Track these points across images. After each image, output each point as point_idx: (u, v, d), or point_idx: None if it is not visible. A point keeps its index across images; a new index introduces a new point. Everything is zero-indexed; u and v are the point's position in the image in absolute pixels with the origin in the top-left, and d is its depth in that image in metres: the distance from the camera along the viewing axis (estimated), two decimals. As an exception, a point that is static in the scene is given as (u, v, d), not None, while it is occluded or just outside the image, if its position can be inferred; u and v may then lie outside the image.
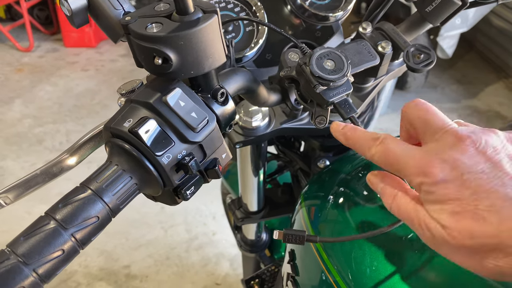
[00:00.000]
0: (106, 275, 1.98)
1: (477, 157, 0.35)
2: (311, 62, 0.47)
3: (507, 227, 0.32)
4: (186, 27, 0.38)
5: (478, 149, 0.35)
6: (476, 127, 0.38)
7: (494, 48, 3.58)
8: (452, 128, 0.37)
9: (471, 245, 0.33)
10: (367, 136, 0.42)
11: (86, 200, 0.37)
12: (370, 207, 0.60)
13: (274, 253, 1.19)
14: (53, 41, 4.30)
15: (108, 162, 0.40)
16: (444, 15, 0.62)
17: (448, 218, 0.34)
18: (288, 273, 0.69)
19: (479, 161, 0.34)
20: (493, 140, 0.36)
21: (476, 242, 0.33)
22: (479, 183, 0.34)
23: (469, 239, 0.33)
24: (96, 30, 4.15)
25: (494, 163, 0.34)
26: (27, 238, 0.34)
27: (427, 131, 0.39)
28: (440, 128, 0.38)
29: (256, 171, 0.85)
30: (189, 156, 0.41)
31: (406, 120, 0.42)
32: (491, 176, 0.34)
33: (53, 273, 0.35)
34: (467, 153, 0.35)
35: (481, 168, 0.34)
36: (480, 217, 0.33)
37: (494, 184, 0.33)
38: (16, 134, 2.92)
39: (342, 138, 0.45)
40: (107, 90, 3.47)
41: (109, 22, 0.43)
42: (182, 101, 0.40)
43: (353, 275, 0.54)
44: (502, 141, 0.36)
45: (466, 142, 0.35)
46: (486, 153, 0.35)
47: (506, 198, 0.33)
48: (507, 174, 0.34)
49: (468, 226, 0.33)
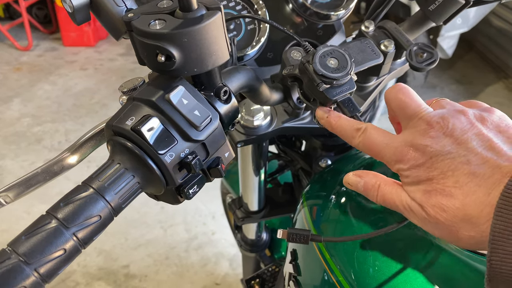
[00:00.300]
0: (105, 274, 1.97)
1: (445, 140, 0.38)
2: (314, 60, 0.47)
3: (470, 199, 0.36)
4: (189, 24, 0.37)
5: (446, 133, 0.39)
6: (449, 109, 0.41)
7: (494, 48, 3.58)
8: (424, 114, 0.41)
9: (445, 218, 0.37)
10: (350, 126, 0.46)
11: (88, 199, 0.36)
12: (373, 207, 0.60)
13: (274, 253, 1.19)
14: (52, 40, 4.29)
15: (110, 161, 0.39)
16: (447, 13, 0.62)
17: (421, 196, 0.39)
18: (290, 273, 0.69)
19: (446, 144, 0.38)
20: (461, 121, 0.39)
21: (449, 216, 0.37)
22: (446, 163, 0.38)
23: (442, 212, 0.37)
24: (95, 29, 4.15)
25: (461, 143, 0.38)
26: (28, 237, 0.34)
27: (403, 117, 0.43)
28: (415, 115, 0.41)
29: (257, 170, 0.84)
30: (192, 155, 0.40)
31: (388, 104, 0.46)
32: (457, 156, 0.37)
33: (55, 273, 0.34)
34: (436, 138, 0.39)
35: (447, 149, 0.38)
36: (447, 193, 0.37)
37: (459, 163, 0.37)
38: (15, 133, 2.92)
39: (327, 126, 0.48)
40: (106, 89, 3.47)
41: (111, 19, 0.43)
42: (185, 99, 0.40)
43: (356, 275, 0.54)
44: (470, 121, 0.39)
45: (435, 128, 0.39)
46: (453, 135, 0.38)
47: (469, 174, 0.36)
48: (472, 152, 0.37)
49: (438, 201, 0.38)
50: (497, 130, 0.39)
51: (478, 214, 0.35)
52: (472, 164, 0.37)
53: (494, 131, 0.39)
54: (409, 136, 0.41)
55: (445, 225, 0.38)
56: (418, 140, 0.40)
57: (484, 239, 0.35)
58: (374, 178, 0.44)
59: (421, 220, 0.40)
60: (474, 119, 0.40)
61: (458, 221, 0.37)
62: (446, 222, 0.37)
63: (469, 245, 0.38)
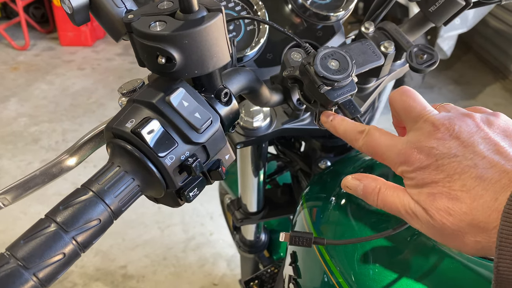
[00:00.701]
0: (103, 275, 1.96)
1: (451, 143, 0.38)
2: (315, 62, 0.47)
3: (478, 203, 0.35)
4: (190, 25, 0.37)
5: (452, 135, 0.38)
6: (455, 112, 0.41)
7: (492, 49, 3.59)
8: (430, 116, 0.40)
9: (451, 222, 0.36)
10: (354, 128, 0.45)
11: (88, 202, 0.36)
12: (373, 209, 0.59)
13: (273, 254, 1.18)
14: (49, 40, 4.27)
15: (110, 163, 0.39)
16: (447, 15, 0.62)
17: (426, 199, 0.38)
18: (290, 275, 0.68)
19: (452, 146, 0.37)
20: (468, 124, 0.38)
21: (455, 220, 0.36)
22: (452, 166, 0.37)
23: (448, 216, 0.36)
24: (92, 29, 4.13)
25: (467, 146, 0.37)
26: (27, 242, 0.33)
27: (409, 119, 0.42)
28: (420, 117, 0.41)
29: (256, 171, 0.84)
30: (192, 158, 0.40)
31: (392, 107, 0.45)
32: (464, 159, 0.37)
33: (54, 277, 0.34)
34: (442, 140, 0.38)
35: (454, 152, 0.37)
36: (454, 197, 0.36)
37: (465, 166, 0.36)
38: (12, 133, 2.90)
39: (331, 129, 0.48)
40: (103, 89, 3.46)
41: (111, 20, 0.42)
42: (185, 101, 0.40)
43: (356, 277, 0.54)
44: (477, 124, 0.39)
45: (441, 130, 0.38)
46: (459, 138, 0.38)
47: (477, 178, 0.36)
48: (479, 155, 0.36)
49: (444, 205, 0.36)
50: (504, 134, 0.38)
51: (485, 219, 0.34)
52: (479, 168, 0.36)
53: (501, 135, 0.38)
54: (414, 138, 0.40)
55: (450, 230, 0.37)
56: (424, 141, 0.39)
57: (491, 245, 0.34)
58: (374, 181, 0.43)
59: (425, 224, 0.38)
60: (481, 122, 0.39)
61: (464, 225, 0.36)
62: (452, 227, 0.36)
63: (475, 251, 0.37)
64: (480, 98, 3.29)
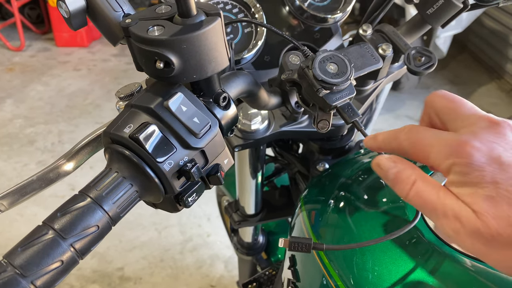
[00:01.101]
0: (100, 277, 1.95)
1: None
2: (314, 65, 0.47)
3: None
4: (189, 30, 0.37)
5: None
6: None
7: (487, 49, 3.61)
8: (485, 114, 0.35)
9: (509, 234, 0.30)
10: (391, 131, 0.40)
11: (86, 209, 0.35)
12: (372, 212, 0.59)
13: (271, 256, 1.18)
14: (45, 41, 4.25)
15: (108, 169, 0.38)
16: (445, 17, 0.62)
17: (482, 202, 0.31)
18: (289, 279, 0.68)
19: None
20: None
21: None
22: None
23: (508, 227, 0.30)
24: (88, 30, 4.11)
25: None
26: (24, 249, 0.33)
27: (458, 118, 0.36)
28: (473, 114, 0.36)
29: (254, 173, 0.84)
30: (191, 163, 0.40)
31: (432, 110, 0.39)
32: None
33: (51, 285, 0.34)
34: (504, 136, 0.33)
35: None
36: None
37: None
38: (7, 135, 2.89)
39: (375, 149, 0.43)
40: (99, 90, 3.44)
41: (108, 24, 0.42)
42: (184, 106, 0.39)
43: (355, 280, 0.54)
44: None
45: (502, 125, 0.34)
46: None
47: None
48: None
49: (506, 212, 0.30)
50: None
51: None
52: None
53: None
54: (470, 131, 0.34)
55: (505, 242, 0.30)
56: (484, 134, 0.33)
57: None
58: (411, 169, 0.37)
59: (469, 230, 0.32)
60: None
61: None
62: (508, 239, 0.30)
63: None
64: (476, 98, 3.30)
